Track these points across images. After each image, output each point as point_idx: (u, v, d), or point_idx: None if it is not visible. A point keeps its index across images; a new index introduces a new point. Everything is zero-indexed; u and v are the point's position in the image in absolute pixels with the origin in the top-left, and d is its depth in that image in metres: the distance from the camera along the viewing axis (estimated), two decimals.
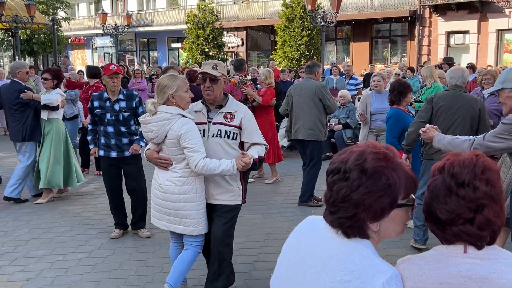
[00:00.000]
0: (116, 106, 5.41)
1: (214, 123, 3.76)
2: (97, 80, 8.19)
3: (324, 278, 1.45)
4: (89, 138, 5.70)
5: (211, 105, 3.84)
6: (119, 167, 5.56)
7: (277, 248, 4.73)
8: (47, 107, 6.83)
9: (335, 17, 16.81)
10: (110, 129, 5.42)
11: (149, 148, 3.85)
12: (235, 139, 3.77)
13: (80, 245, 5.38)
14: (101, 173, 8.10)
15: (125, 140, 5.48)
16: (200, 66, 16.11)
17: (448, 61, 13.09)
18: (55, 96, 6.84)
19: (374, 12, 23.76)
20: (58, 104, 6.91)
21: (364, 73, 17.52)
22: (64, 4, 31.03)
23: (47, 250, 5.24)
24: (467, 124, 4.80)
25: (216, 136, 3.74)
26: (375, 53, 25.64)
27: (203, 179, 3.76)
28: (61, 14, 31.47)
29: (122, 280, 4.51)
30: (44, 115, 6.93)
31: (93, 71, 8.48)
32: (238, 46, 29.23)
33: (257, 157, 3.70)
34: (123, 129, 5.45)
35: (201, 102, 3.89)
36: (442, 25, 22.29)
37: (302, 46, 22.04)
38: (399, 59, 24.34)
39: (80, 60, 38.71)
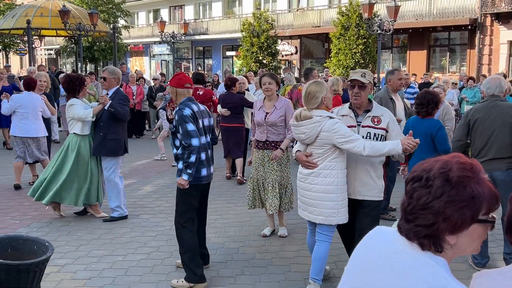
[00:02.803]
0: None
1: (363, 126, 4.18)
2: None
3: None
4: None
5: (358, 110, 4.26)
6: None
7: (332, 257, 4.73)
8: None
9: (392, 25, 16.58)
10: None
11: (299, 150, 4.27)
12: (382, 141, 4.11)
13: (139, 247, 5.53)
14: None
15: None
16: (255, 74, 16.27)
17: None
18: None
19: (432, 21, 23.22)
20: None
21: (420, 82, 17.12)
22: (125, 13, 32.07)
23: (108, 250, 5.42)
24: (507, 133, 4.73)
25: (366, 138, 4.11)
26: (433, 62, 25.03)
27: (346, 174, 4.14)
28: (121, 22, 32.51)
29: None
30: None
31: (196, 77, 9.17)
32: (292, 54, 29.26)
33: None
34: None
35: (348, 107, 4.30)
36: (504, 33, 21.50)
37: (357, 54, 21.82)
38: (458, 68, 23.67)
39: (138, 67, 39.78)
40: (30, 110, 7.98)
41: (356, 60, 21.84)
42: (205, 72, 23.70)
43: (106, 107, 6.25)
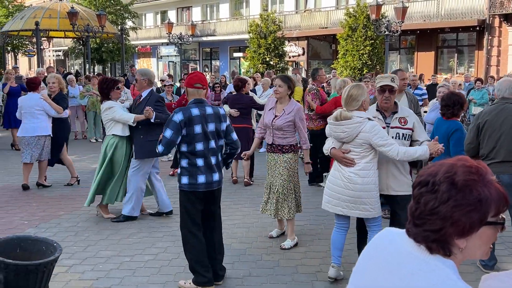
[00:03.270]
0: None
1: (392, 128, 4.47)
2: None
3: None
4: None
5: (386, 112, 4.53)
6: None
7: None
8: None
9: (400, 26, 16.54)
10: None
11: (333, 147, 4.45)
12: (408, 140, 4.49)
13: (147, 247, 5.54)
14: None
15: None
16: (262, 76, 16.26)
17: None
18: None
19: (440, 22, 23.13)
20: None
21: (428, 84, 17.07)
22: (132, 14, 32.18)
23: (115, 251, 5.43)
24: None
25: (395, 138, 4.41)
26: (441, 63, 24.94)
27: (381, 173, 4.45)
28: (129, 23, 32.64)
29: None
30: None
31: None
32: (299, 55, 29.25)
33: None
34: None
35: (376, 109, 4.55)
36: None
37: (365, 55, 21.78)
38: (466, 69, 23.56)
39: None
40: (27, 109, 8.01)
41: (364, 61, 21.80)
42: (212, 74, 23.74)
43: (152, 120, 6.19)
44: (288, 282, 4.67)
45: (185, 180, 4.37)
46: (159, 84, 15.36)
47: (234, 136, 4.64)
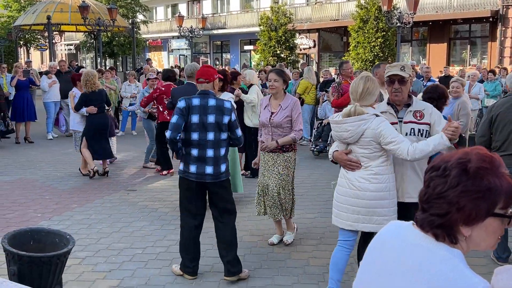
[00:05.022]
0: None
1: (405, 122, 3.88)
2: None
3: (412, 286, 1.41)
4: None
5: (398, 106, 3.96)
6: None
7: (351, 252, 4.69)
8: None
9: (412, 18, 16.39)
10: None
11: (337, 150, 3.93)
12: (427, 137, 3.83)
13: (158, 240, 5.58)
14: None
15: None
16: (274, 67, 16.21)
17: None
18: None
19: (453, 13, 22.89)
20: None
21: (440, 76, 16.92)
22: (143, 8, 32.24)
23: (127, 243, 5.47)
24: None
25: (410, 134, 3.85)
26: (453, 54, 24.71)
27: (395, 178, 3.86)
28: (140, 17, 32.69)
29: (199, 276, 4.64)
30: None
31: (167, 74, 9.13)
32: (310, 47, 29.13)
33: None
34: None
35: (387, 103, 4.01)
36: None
37: (376, 47, 21.63)
38: (479, 61, 23.33)
39: (156, 62, 40.02)
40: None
41: (375, 53, 21.65)
42: (223, 67, 23.73)
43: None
44: (299, 275, 4.68)
45: (181, 166, 4.56)
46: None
47: (238, 132, 4.59)
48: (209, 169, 4.44)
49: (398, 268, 1.47)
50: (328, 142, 10.17)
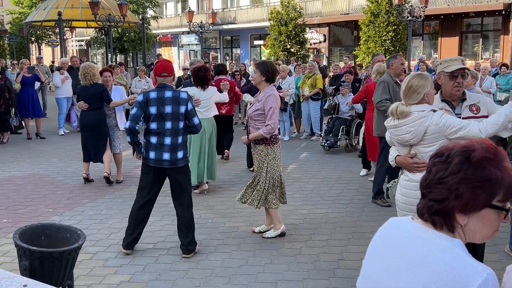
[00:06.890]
0: None
1: (463, 118, 3.70)
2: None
3: (417, 279, 1.41)
4: None
5: (453, 101, 3.82)
6: None
7: (362, 247, 4.71)
8: None
9: (423, 11, 16.26)
10: None
11: (398, 154, 3.75)
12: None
13: (169, 235, 5.59)
14: None
15: None
16: (288, 64, 16.13)
17: None
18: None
19: (464, 6, 22.65)
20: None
21: None
22: (153, 3, 32.28)
23: None
24: None
25: None
26: (465, 48, 24.46)
27: None
28: (150, 13, 32.75)
29: (209, 271, 4.65)
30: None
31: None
32: (320, 42, 28.98)
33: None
34: None
35: (441, 100, 3.84)
36: None
37: (387, 41, 21.47)
38: (491, 54, 23.08)
39: (167, 58, 40.14)
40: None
41: (386, 47, 21.49)
42: (233, 62, 23.71)
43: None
44: (309, 270, 4.66)
45: (144, 153, 5.02)
46: (181, 73, 15.40)
47: (196, 120, 5.01)
48: (166, 155, 4.90)
49: (402, 262, 1.48)
50: (339, 137, 10.13)
